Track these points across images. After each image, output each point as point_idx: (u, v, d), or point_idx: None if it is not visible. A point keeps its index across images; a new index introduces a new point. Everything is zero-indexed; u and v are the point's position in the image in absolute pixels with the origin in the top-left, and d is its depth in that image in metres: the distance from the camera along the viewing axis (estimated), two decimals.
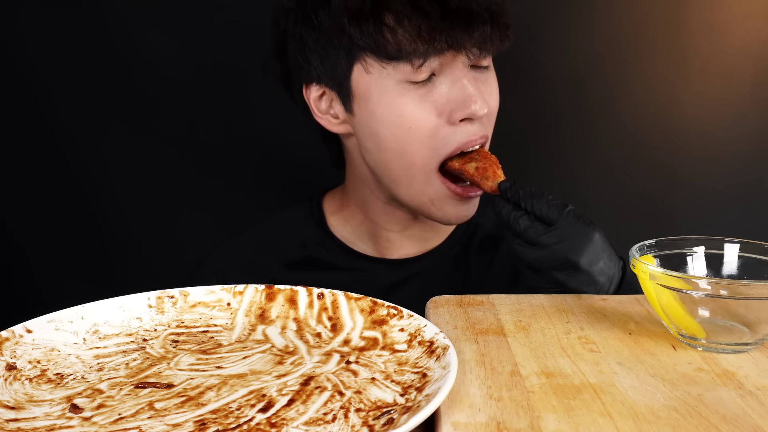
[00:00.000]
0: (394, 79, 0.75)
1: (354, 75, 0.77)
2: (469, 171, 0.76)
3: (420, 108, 0.75)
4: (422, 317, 0.56)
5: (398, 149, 0.77)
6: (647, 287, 0.55)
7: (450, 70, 0.76)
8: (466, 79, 0.76)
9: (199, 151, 1.12)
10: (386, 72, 0.75)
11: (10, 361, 0.52)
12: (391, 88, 0.75)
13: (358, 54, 0.75)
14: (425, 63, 0.74)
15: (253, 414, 0.46)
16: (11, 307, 1.05)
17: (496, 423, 0.43)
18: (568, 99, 1.14)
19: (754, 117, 1.13)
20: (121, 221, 1.12)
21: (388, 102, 0.76)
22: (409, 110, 0.75)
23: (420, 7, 0.72)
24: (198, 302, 0.62)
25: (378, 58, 0.74)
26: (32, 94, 1.07)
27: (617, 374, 0.50)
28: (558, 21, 1.11)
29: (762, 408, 0.45)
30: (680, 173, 1.16)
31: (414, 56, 0.73)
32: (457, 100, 0.75)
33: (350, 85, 0.77)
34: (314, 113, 0.83)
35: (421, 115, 0.75)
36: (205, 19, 1.08)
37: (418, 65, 0.74)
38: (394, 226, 0.87)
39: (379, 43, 0.73)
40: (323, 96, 0.81)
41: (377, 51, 0.74)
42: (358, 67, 0.76)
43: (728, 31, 1.11)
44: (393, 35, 0.73)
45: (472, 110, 0.75)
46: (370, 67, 0.75)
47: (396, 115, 0.76)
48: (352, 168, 0.87)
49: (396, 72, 0.75)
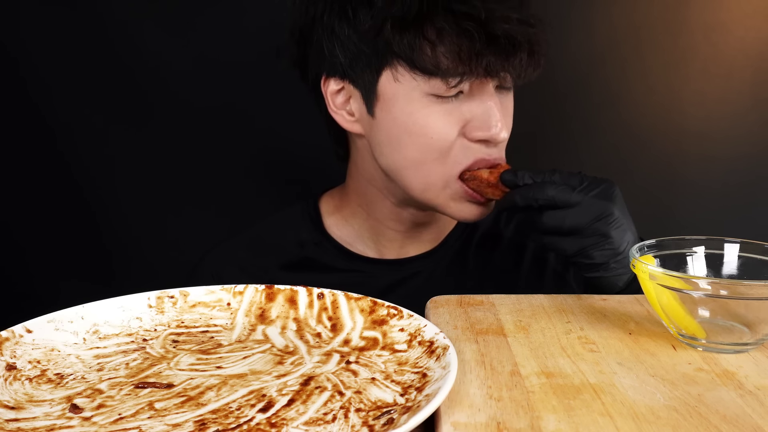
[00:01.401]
0: (422, 91, 0.74)
1: (382, 79, 0.76)
2: (483, 174, 0.75)
3: (444, 122, 0.75)
4: (422, 317, 0.56)
5: (418, 158, 0.76)
6: (647, 287, 0.55)
7: (479, 92, 0.75)
8: (493, 101, 0.75)
9: (199, 152, 1.12)
10: (416, 83, 0.74)
11: (10, 361, 0.52)
12: (417, 99, 0.75)
13: (390, 60, 0.74)
14: (459, 84, 0.73)
15: (253, 414, 0.46)
16: (11, 307, 1.05)
17: (496, 423, 0.43)
18: (568, 99, 1.14)
19: (754, 117, 1.13)
20: (121, 221, 1.12)
21: (412, 112, 0.75)
22: (432, 122, 0.75)
23: (465, 29, 0.71)
24: (198, 302, 0.62)
25: (411, 68, 0.73)
26: (32, 94, 1.07)
27: (617, 374, 0.50)
28: (558, 21, 1.11)
29: (762, 408, 0.45)
30: (680, 173, 1.16)
31: (450, 75, 0.72)
32: (481, 121, 0.75)
33: (376, 89, 0.76)
34: (329, 107, 0.81)
35: (444, 129, 0.75)
36: (205, 18, 1.08)
37: (452, 84, 0.73)
38: (398, 227, 0.87)
39: (416, 55, 0.72)
40: (341, 91, 0.80)
41: (412, 62, 0.73)
42: (387, 72, 0.75)
43: (728, 31, 1.11)
44: (432, 50, 0.72)
45: (491, 134, 0.75)
46: (400, 75, 0.74)
47: (420, 125, 0.75)
48: (358, 167, 0.86)
49: (426, 85, 0.74)
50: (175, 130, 1.11)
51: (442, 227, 0.90)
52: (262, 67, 1.08)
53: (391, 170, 0.80)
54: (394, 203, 0.85)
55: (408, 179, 0.79)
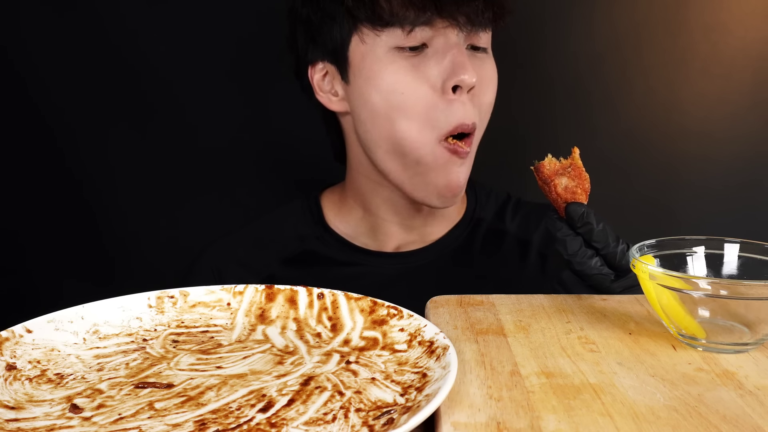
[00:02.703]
0: (386, 46, 0.78)
1: (351, 46, 0.80)
2: (557, 188, 0.65)
3: (411, 76, 0.77)
4: (422, 317, 0.56)
5: (393, 115, 0.78)
6: (647, 287, 0.55)
7: (442, 42, 0.78)
8: (457, 49, 0.77)
9: (200, 152, 1.12)
10: (379, 39, 0.78)
11: (10, 361, 0.52)
12: (383, 55, 0.78)
13: (355, 26, 0.79)
14: (415, 29, 0.76)
15: (253, 414, 0.46)
16: (11, 307, 1.05)
17: (496, 423, 0.43)
18: (568, 98, 1.14)
19: (753, 117, 1.13)
20: (122, 221, 1.12)
21: (380, 69, 0.78)
22: (401, 77, 0.77)
23: None
24: (198, 302, 0.62)
25: (372, 26, 0.77)
26: (32, 94, 1.07)
27: (617, 374, 0.50)
28: (558, 20, 1.12)
29: (762, 408, 0.45)
30: (680, 173, 1.16)
31: (405, 22, 0.76)
32: (446, 69, 0.77)
33: (347, 56, 0.80)
34: (316, 92, 0.86)
35: (413, 83, 0.77)
36: (205, 17, 1.08)
37: (408, 31, 0.76)
38: (394, 218, 0.87)
39: (374, 11, 0.76)
40: (326, 75, 0.84)
41: (372, 19, 0.77)
42: (355, 38, 0.79)
43: (728, 31, 1.11)
44: (387, 3, 0.76)
45: (460, 78, 0.76)
46: (365, 36, 0.78)
47: (388, 81, 0.78)
48: (351, 159, 0.88)
49: (388, 39, 0.77)
50: (175, 130, 1.11)
51: (443, 220, 0.90)
52: (262, 67, 1.08)
53: (370, 144, 0.82)
54: (386, 187, 0.85)
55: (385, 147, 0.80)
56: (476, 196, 0.93)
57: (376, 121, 0.80)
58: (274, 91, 1.10)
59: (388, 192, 0.86)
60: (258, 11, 1.05)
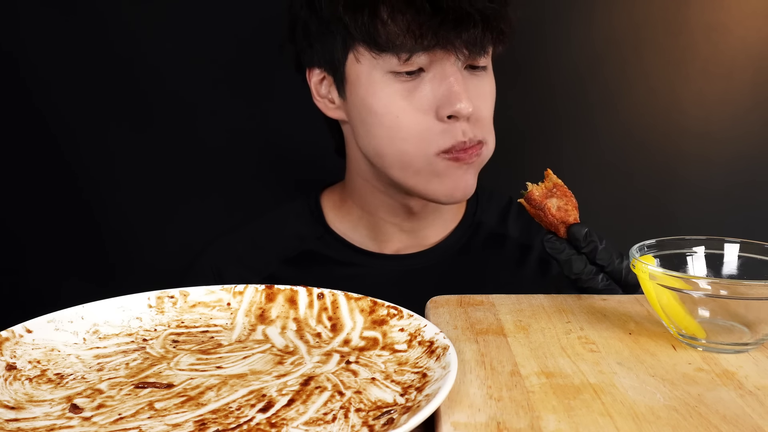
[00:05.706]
0: (382, 70, 0.77)
1: (348, 62, 0.79)
2: (551, 210, 0.65)
3: (407, 101, 0.77)
4: (422, 317, 0.56)
5: (389, 135, 0.78)
6: (647, 287, 0.55)
7: (439, 68, 0.77)
8: (454, 77, 0.76)
9: (200, 152, 1.12)
10: (376, 62, 0.77)
11: (10, 361, 0.52)
12: (378, 79, 0.77)
13: (352, 43, 0.78)
14: (411, 57, 0.75)
15: (253, 414, 0.46)
16: (11, 307, 1.05)
17: (496, 423, 0.43)
18: (568, 99, 1.13)
19: (754, 117, 1.13)
20: (122, 221, 1.12)
21: (375, 91, 0.78)
22: (396, 101, 0.77)
23: (412, 3, 0.74)
24: (198, 302, 0.62)
25: (369, 48, 0.76)
26: (32, 94, 1.07)
27: (617, 374, 0.50)
28: (558, 21, 1.11)
29: (762, 408, 0.45)
30: (680, 173, 1.16)
31: (402, 50, 0.75)
32: (442, 97, 0.76)
33: (344, 71, 0.80)
34: (314, 96, 0.85)
35: (408, 108, 0.77)
36: (204, 17, 1.08)
37: (404, 59, 0.75)
38: (393, 218, 0.87)
39: (371, 34, 0.75)
40: (323, 81, 0.84)
41: (369, 41, 0.76)
42: (351, 55, 0.79)
43: (728, 31, 1.11)
44: (384, 28, 0.75)
45: (456, 108, 0.75)
46: (361, 56, 0.77)
47: (382, 104, 0.77)
48: (350, 160, 0.88)
49: (384, 63, 0.76)
50: (175, 130, 1.11)
51: (441, 223, 0.90)
52: (261, 67, 1.08)
53: (371, 155, 0.82)
54: (383, 192, 0.85)
55: (386, 160, 0.80)
56: (477, 198, 0.93)
57: (372, 137, 0.79)
58: (273, 91, 1.10)
59: (385, 195, 0.86)
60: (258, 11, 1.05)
